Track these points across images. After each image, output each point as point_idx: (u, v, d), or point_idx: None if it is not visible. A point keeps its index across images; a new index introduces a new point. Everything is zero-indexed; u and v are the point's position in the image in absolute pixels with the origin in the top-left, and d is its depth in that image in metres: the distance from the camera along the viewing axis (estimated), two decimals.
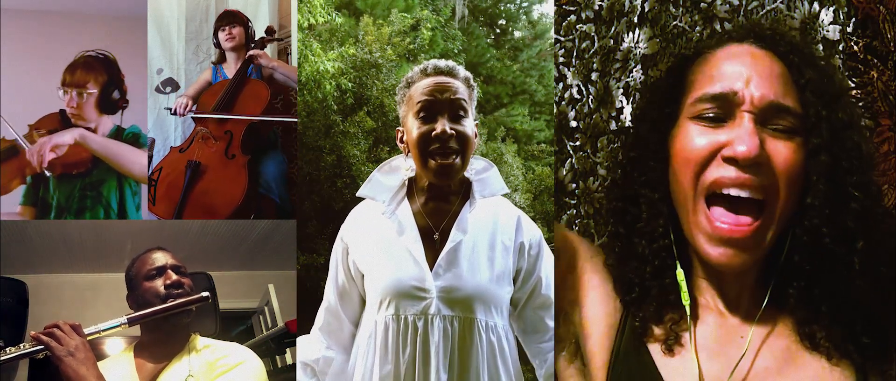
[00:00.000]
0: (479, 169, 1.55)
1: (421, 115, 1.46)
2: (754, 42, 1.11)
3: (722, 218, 1.03)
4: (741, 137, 1.02)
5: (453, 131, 1.44)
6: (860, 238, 1.04)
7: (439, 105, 1.45)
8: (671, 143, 1.12)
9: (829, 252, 1.04)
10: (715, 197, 1.04)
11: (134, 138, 2.01)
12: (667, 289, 1.13)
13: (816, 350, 1.07)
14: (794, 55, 1.09)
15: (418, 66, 1.55)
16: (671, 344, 1.12)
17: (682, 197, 1.08)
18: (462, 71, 1.52)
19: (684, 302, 1.11)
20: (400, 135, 1.54)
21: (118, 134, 2.01)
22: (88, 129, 1.98)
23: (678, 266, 1.12)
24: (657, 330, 1.14)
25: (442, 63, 1.52)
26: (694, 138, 1.07)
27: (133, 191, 2.00)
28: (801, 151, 1.04)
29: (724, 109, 1.05)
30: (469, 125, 1.47)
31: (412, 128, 1.47)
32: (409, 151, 1.50)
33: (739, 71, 1.06)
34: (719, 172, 1.04)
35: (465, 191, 1.53)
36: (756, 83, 1.04)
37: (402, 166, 1.55)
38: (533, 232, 1.55)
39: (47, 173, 1.92)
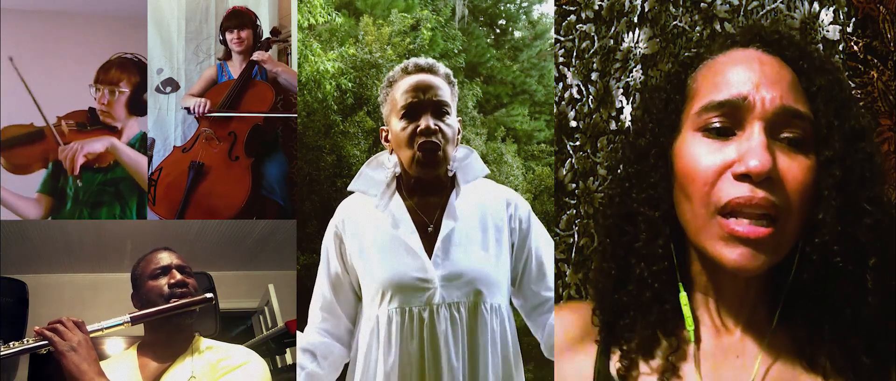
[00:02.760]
0: (459, 158, 1.58)
1: (404, 113, 1.50)
2: (760, 47, 1.05)
3: (737, 223, 0.98)
4: (753, 150, 0.96)
5: (437, 127, 1.48)
6: (873, 255, 0.99)
7: (423, 105, 1.49)
8: (674, 157, 1.06)
9: (840, 270, 1.00)
10: (728, 212, 0.99)
11: None
12: (665, 316, 1.07)
13: (814, 370, 1.03)
14: (804, 61, 1.03)
15: (399, 65, 1.58)
16: (668, 378, 1.05)
17: (691, 215, 1.02)
18: (442, 68, 1.56)
19: (688, 327, 1.06)
20: (384, 134, 1.57)
21: (143, 140, 2.04)
22: (115, 128, 2.02)
23: (681, 289, 1.06)
24: (652, 363, 1.07)
25: (422, 61, 1.56)
26: (701, 156, 1.00)
27: None
28: (813, 169, 0.99)
29: (732, 117, 0.99)
30: (451, 122, 1.52)
31: (396, 127, 1.51)
32: (393, 150, 1.54)
33: (747, 76, 1.00)
34: (734, 191, 0.97)
35: (451, 183, 1.56)
36: (766, 87, 0.98)
37: (387, 163, 1.57)
38: (521, 207, 1.59)
39: (79, 183, 1.96)
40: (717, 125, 1.00)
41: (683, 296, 1.06)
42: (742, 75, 1.01)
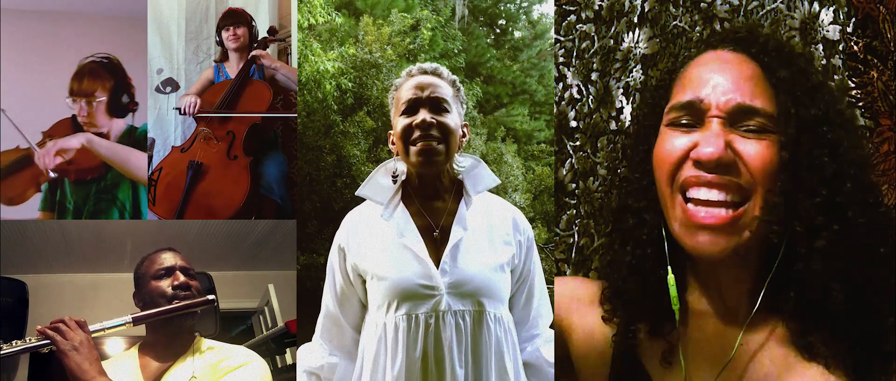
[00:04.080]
0: (467, 167, 1.59)
1: (404, 110, 1.52)
2: (728, 46, 1.13)
3: (696, 210, 1.05)
4: (707, 138, 1.05)
5: (434, 120, 1.49)
6: (823, 236, 1.05)
7: (421, 101, 1.51)
8: (655, 152, 1.14)
9: (792, 246, 1.06)
10: (689, 188, 1.08)
11: (146, 136, 2.05)
12: (664, 302, 1.14)
13: (815, 359, 1.07)
14: (766, 55, 1.10)
15: (405, 70, 1.61)
16: (669, 357, 1.14)
17: (663, 198, 1.11)
18: (447, 73, 1.59)
19: (674, 306, 1.12)
20: (391, 138, 1.58)
21: (131, 133, 2.04)
22: (100, 134, 2.02)
23: (669, 271, 1.13)
24: (655, 345, 1.16)
25: (428, 65, 1.59)
26: (670, 142, 1.10)
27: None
28: (773, 148, 1.05)
29: (694, 116, 1.08)
30: (452, 119, 1.52)
31: (398, 125, 1.53)
32: (398, 152, 1.55)
33: (706, 78, 1.09)
34: (690, 172, 1.07)
35: (457, 190, 1.57)
36: (723, 88, 1.07)
37: (394, 170, 1.59)
38: (526, 228, 1.61)
39: (53, 175, 1.96)
40: (684, 122, 1.10)
41: (671, 278, 1.13)
42: (702, 77, 1.10)
